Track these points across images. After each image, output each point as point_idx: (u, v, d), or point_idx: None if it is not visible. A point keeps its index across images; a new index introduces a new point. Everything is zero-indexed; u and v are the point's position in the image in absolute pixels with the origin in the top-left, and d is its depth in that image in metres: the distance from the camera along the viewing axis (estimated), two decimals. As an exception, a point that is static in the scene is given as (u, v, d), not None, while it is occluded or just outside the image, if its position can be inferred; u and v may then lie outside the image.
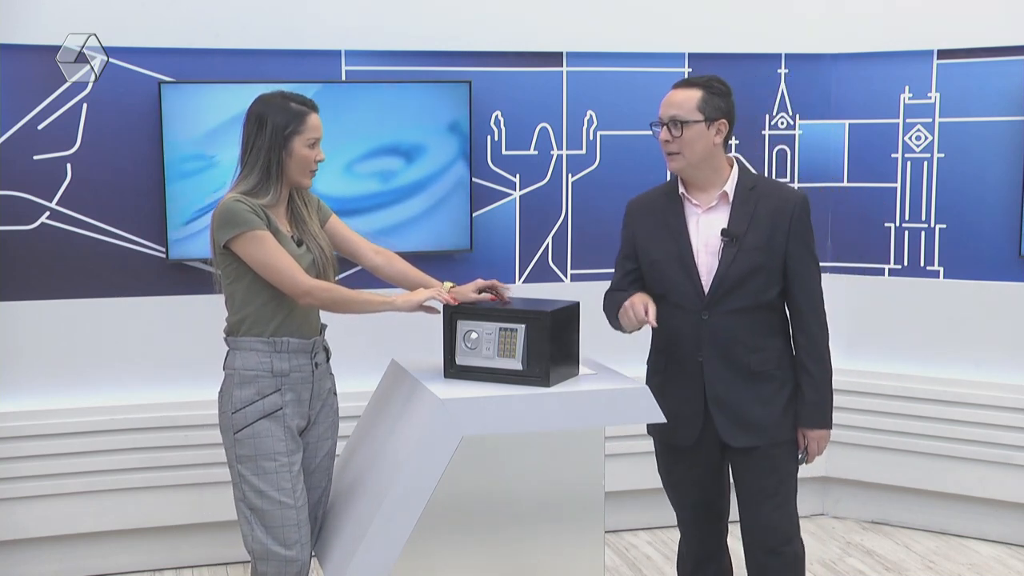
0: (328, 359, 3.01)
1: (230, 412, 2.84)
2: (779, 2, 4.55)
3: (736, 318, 2.83)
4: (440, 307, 2.94)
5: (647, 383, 2.96)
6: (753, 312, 2.84)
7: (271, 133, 2.82)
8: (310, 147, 2.86)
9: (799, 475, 3.00)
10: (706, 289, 2.84)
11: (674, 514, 3.10)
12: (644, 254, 2.95)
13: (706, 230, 2.87)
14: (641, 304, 2.84)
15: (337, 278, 3.00)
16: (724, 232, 2.83)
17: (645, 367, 3.08)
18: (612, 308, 2.98)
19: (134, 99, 3.97)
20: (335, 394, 3.06)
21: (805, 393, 2.89)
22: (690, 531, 3.11)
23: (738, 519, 3.02)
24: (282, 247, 2.79)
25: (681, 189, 2.92)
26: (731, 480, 3.04)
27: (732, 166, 2.91)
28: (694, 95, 2.84)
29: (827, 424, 2.92)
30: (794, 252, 2.85)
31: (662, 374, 2.96)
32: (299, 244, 2.89)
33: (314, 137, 2.87)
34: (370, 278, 3.23)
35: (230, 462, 2.89)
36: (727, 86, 2.90)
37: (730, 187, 2.87)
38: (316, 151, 2.88)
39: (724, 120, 2.85)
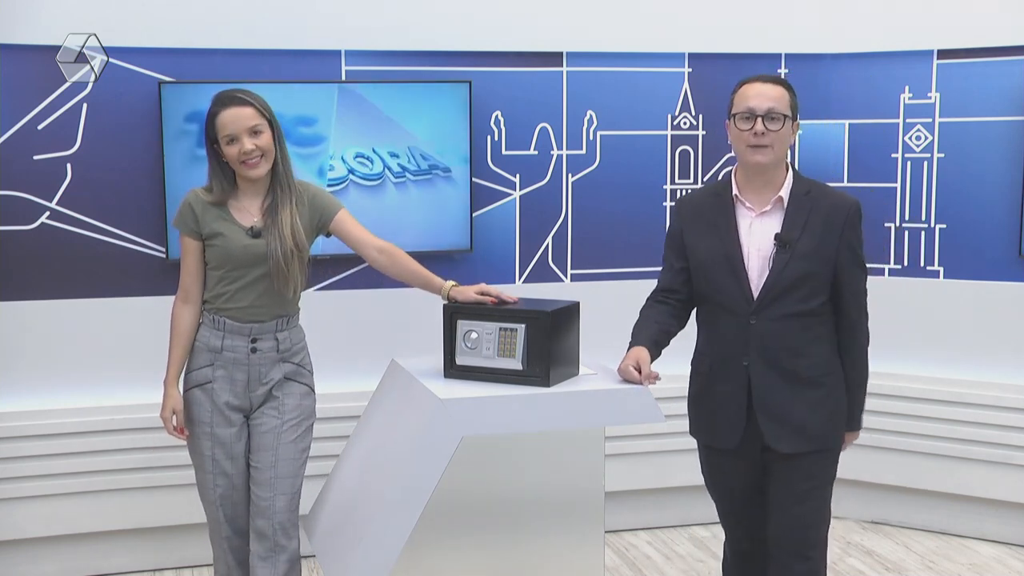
0: (279, 349, 3.03)
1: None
2: (779, 2, 4.55)
3: (783, 324, 2.81)
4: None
5: (690, 383, 2.98)
6: (800, 318, 2.82)
7: (204, 139, 3.02)
8: (229, 144, 2.94)
9: None
10: (755, 294, 2.82)
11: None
12: (692, 254, 2.93)
13: (759, 234, 2.84)
14: (633, 367, 2.82)
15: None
16: (778, 237, 2.81)
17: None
18: (637, 329, 2.95)
19: (134, 99, 3.97)
20: (297, 381, 3.07)
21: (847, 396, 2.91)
22: (735, 533, 3.09)
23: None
24: (190, 258, 3.01)
25: (735, 191, 2.89)
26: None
27: (788, 170, 2.90)
28: (784, 93, 2.85)
29: (858, 426, 2.97)
30: (844, 260, 2.84)
31: (706, 375, 2.93)
32: (256, 236, 2.97)
33: (227, 134, 2.94)
34: (378, 273, 3.23)
35: None
36: None
37: (785, 192, 2.85)
38: (239, 144, 2.93)
39: (798, 122, 2.89)
